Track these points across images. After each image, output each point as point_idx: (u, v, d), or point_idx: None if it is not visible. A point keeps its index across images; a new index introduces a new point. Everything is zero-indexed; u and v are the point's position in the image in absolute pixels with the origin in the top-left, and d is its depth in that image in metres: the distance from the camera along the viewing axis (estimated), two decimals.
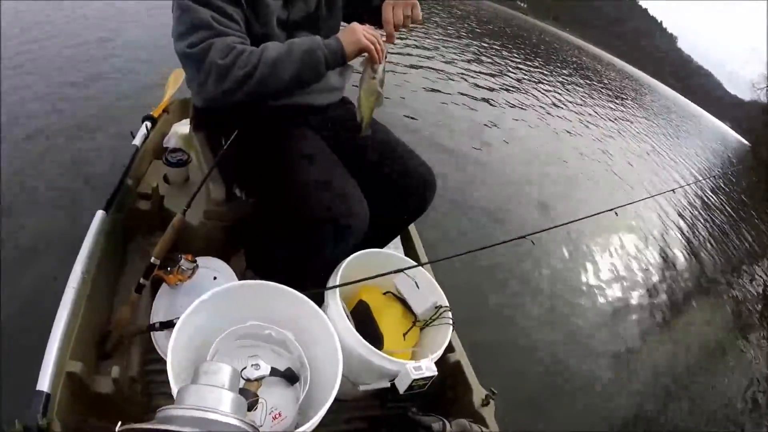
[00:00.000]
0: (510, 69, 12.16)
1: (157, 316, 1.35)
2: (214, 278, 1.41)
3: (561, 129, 8.24)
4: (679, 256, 5.32)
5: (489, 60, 11.96)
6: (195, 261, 1.35)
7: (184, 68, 1.18)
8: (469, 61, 10.53)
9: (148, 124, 2.04)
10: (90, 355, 1.23)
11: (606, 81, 22.37)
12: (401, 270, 1.28)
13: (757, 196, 12.84)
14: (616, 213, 1.75)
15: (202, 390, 0.68)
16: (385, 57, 1.20)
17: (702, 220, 7.39)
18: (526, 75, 12.35)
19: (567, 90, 13.06)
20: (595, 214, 1.81)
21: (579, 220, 1.78)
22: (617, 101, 16.72)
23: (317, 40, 1.15)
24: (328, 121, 1.46)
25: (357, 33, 1.15)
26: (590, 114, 11.05)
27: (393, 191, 1.48)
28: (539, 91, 10.82)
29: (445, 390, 1.41)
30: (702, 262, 5.52)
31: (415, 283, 1.35)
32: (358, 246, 1.34)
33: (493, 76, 10.10)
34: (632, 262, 4.46)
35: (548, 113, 8.93)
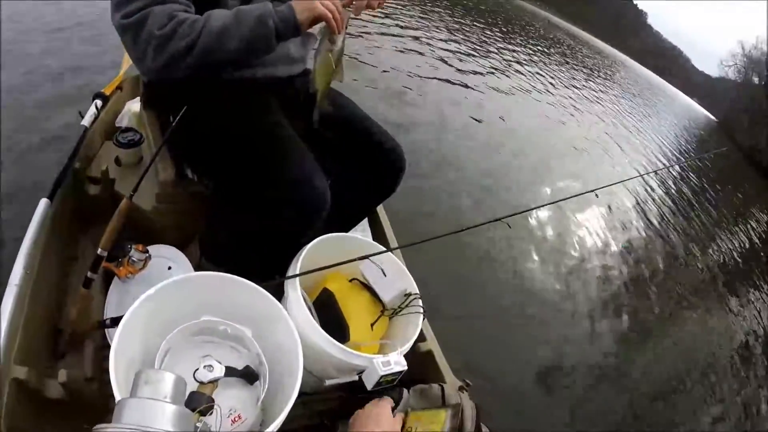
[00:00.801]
0: (487, 45, 12.01)
1: (110, 311, 1.26)
2: (168, 268, 1.32)
3: (535, 107, 8.22)
4: (658, 233, 5.44)
5: (463, 36, 11.76)
6: (147, 251, 1.26)
7: (122, 41, 1.06)
8: (446, 41, 10.32)
9: (99, 102, 1.90)
10: (38, 358, 1.15)
11: (580, 57, 22.39)
12: (366, 257, 1.21)
13: (727, 172, 13.18)
14: (596, 195, 1.72)
15: (141, 405, 0.61)
16: (346, 27, 1.12)
17: (677, 199, 7.57)
18: (502, 51, 12.22)
19: (542, 66, 13.01)
20: (575, 195, 1.79)
21: (559, 201, 1.76)
22: (590, 77, 16.77)
23: (268, 7, 1.05)
24: (290, 95, 1.36)
25: None
26: (564, 87, 11.07)
27: (361, 170, 1.42)
28: (518, 70, 10.74)
29: (416, 380, 1.37)
30: (679, 238, 5.65)
31: (382, 270, 1.28)
32: (321, 230, 1.27)
33: (468, 54, 9.95)
34: (610, 242, 4.52)
35: (525, 91, 8.88)
